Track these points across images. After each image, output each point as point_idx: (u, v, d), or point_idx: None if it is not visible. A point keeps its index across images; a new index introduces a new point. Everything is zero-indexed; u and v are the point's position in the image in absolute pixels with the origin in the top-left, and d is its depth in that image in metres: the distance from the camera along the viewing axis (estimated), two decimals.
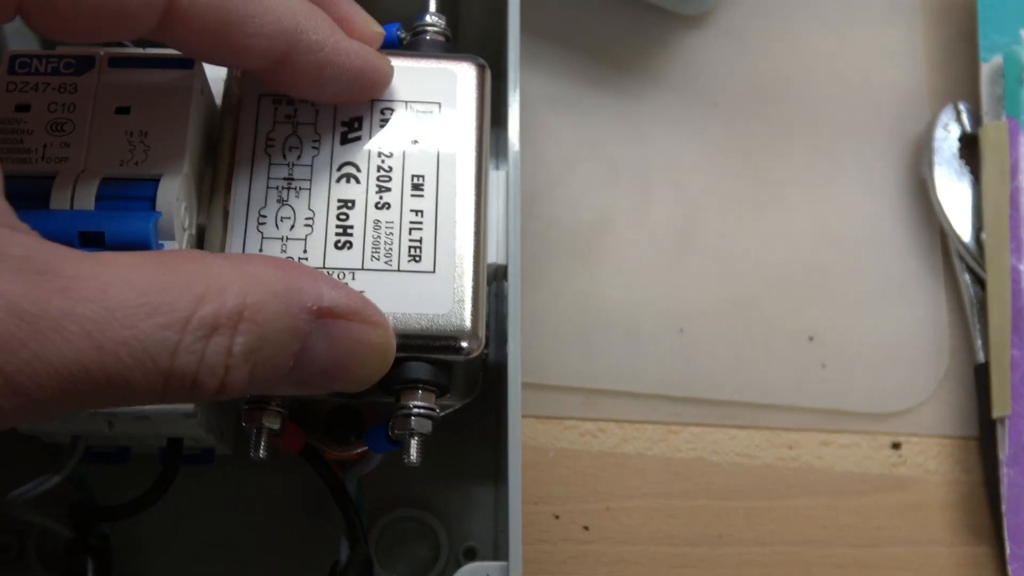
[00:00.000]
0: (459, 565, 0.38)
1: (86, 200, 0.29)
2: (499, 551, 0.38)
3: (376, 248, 0.31)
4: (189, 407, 0.31)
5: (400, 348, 0.30)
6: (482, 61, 0.34)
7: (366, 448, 0.33)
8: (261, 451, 0.30)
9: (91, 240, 0.28)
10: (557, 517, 0.40)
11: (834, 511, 0.41)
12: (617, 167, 0.45)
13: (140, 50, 0.32)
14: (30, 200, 0.29)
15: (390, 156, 0.32)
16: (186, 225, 0.30)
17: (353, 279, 0.30)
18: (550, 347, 0.42)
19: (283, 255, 0.30)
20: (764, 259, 0.44)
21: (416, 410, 0.30)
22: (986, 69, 0.45)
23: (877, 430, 0.42)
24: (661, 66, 0.46)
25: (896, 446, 0.42)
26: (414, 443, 0.30)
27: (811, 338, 0.43)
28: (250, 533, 0.38)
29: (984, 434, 0.41)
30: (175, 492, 0.35)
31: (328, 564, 0.35)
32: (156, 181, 0.29)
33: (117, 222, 0.28)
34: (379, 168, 0.31)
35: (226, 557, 0.38)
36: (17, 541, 0.37)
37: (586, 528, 0.40)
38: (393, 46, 0.35)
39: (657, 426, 0.42)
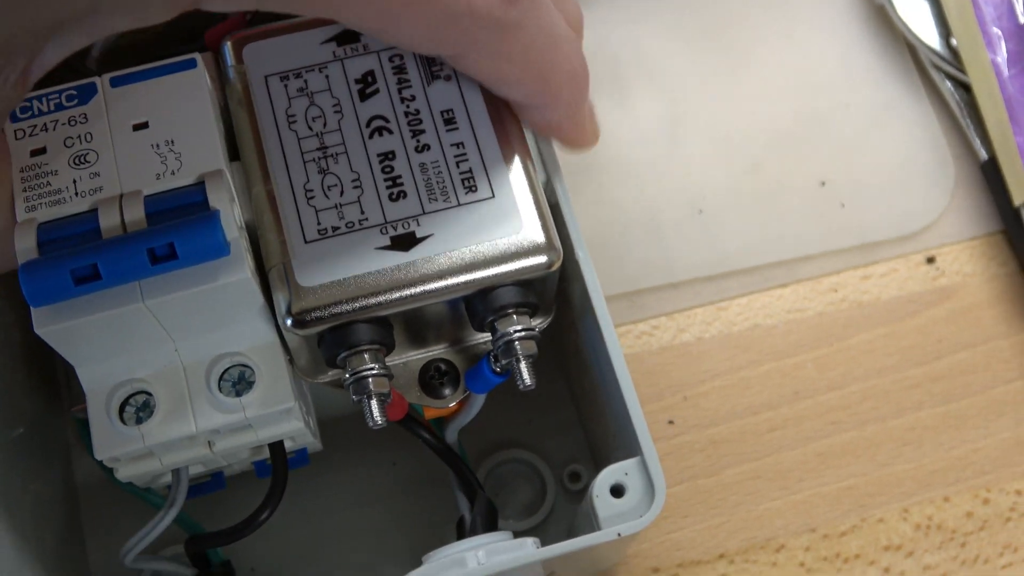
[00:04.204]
0: (568, 491, 0.38)
1: (137, 222, 0.28)
2: (601, 467, 0.38)
3: (431, 189, 0.30)
4: (290, 401, 0.30)
5: (487, 279, 0.30)
6: None
7: (465, 395, 0.33)
8: (377, 418, 0.29)
9: (162, 256, 0.27)
10: None
11: (893, 337, 0.42)
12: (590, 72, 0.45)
13: (136, 66, 0.31)
14: (81, 238, 0.28)
15: (413, 99, 0.31)
16: (239, 223, 0.29)
17: (419, 225, 0.30)
18: None
19: (341, 222, 0.30)
20: (755, 123, 0.44)
21: (518, 334, 0.30)
22: None
23: (909, 251, 0.43)
24: None
25: (931, 260, 0.43)
26: (524, 367, 0.30)
27: (823, 183, 0.44)
28: (362, 520, 0.37)
29: (1008, 224, 0.43)
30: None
31: (450, 527, 0.35)
32: (201, 184, 0.29)
33: (184, 230, 0.27)
34: (407, 113, 0.31)
35: (346, 546, 0.37)
36: None
37: (671, 422, 0.40)
38: None
39: (706, 308, 0.42)
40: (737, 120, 0.44)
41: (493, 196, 0.30)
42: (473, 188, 0.30)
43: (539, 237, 0.30)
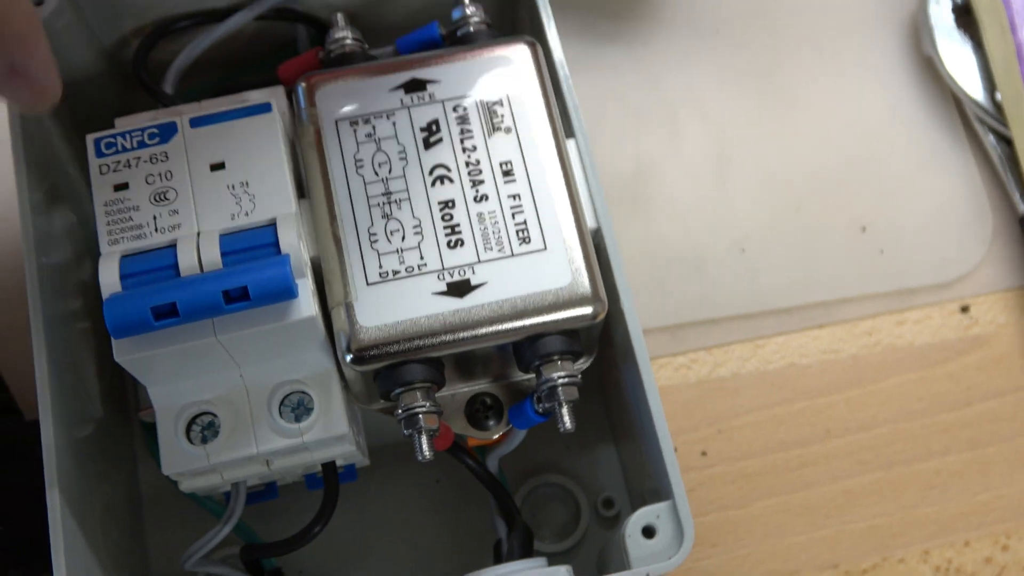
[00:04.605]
0: (600, 516, 0.40)
1: (213, 260, 0.30)
2: (634, 496, 0.40)
3: (487, 239, 0.32)
4: (344, 428, 0.32)
5: (535, 327, 0.31)
6: (530, 39, 0.35)
7: (508, 428, 0.35)
8: (426, 452, 0.31)
9: (235, 297, 0.29)
10: (675, 449, 0.42)
11: (924, 382, 0.43)
12: (642, 113, 0.46)
13: (206, 106, 0.33)
14: (158, 272, 0.30)
15: (474, 150, 0.33)
16: (306, 260, 0.31)
17: (474, 273, 0.32)
18: None
19: (402, 266, 0.32)
20: (800, 166, 0.46)
21: (562, 381, 0.32)
22: None
23: (944, 299, 0.44)
24: (658, 7, 0.48)
25: (965, 309, 0.44)
26: (566, 411, 0.32)
27: (864, 228, 0.45)
28: (403, 535, 0.39)
29: None
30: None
31: (487, 547, 0.37)
32: (272, 225, 0.31)
33: (257, 274, 0.29)
34: (467, 163, 0.33)
35: (387, 559, 0.39)
36: None
37: (704, 454, 0.42)
38: (437, 44, 0.36)
39: (744, 344, 0.43)
40: (783, 161, 0.46)
41: (545, 248, 0.32)
42: (527, 239, 0.32)
43: (586, 289, 0.32)
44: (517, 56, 0.34)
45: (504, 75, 0.34)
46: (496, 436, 0.35)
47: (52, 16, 0.36)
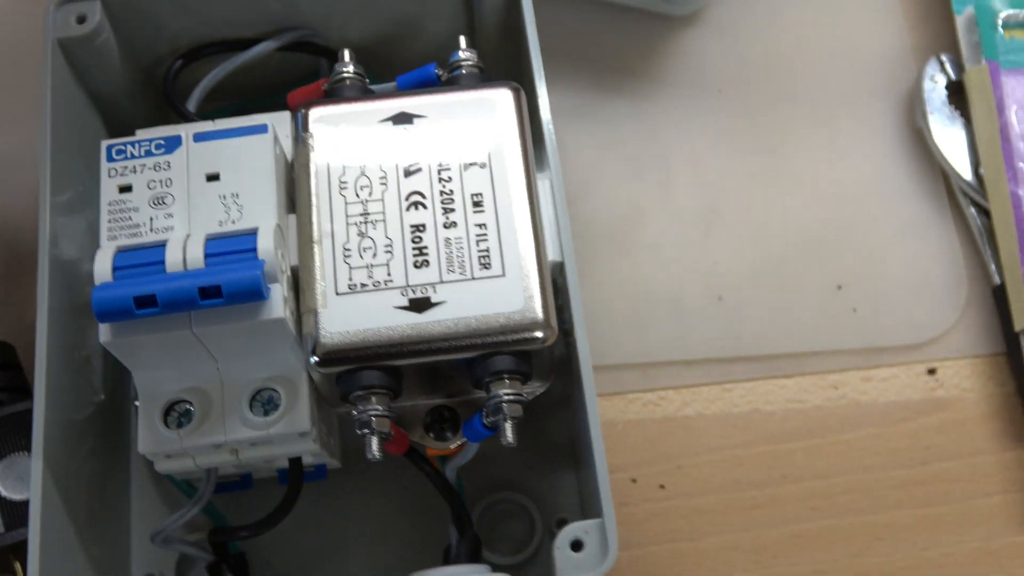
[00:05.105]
0: (553, 535, 0.42)
1: (196, 259, 0.33)
2: (588, 516, 0.42)
3: (450, 262, 0.35)
4: (306, 426, 0.35)
5: (486, 346, 0.34)
6: (516, 84, 0.38)
7: (463, 441, 0.37)
8: (376, 451, 0.34)
9: (209, 293, 0.32)
10: (634, 481, 0.44)
11: (883, 438, 0.45)
12: (639, 163, 0.49)
13: (217, 124, 0.36)
14: (147, 267, 0.33)
15: (449, 180, 0.36)
16: (283, 268, 0.34)
17: (435, 292, 0.34)
18: (604, 331, 0.46)
19: (370, 280, 0.34)
20: (785, 224, 0.48)
21: (507, 397, 0.34)
22: (961, 20, 0.49)
23: (912, 360, 0.46)
24: (665, 66, 0.50)
25: (932, 372, 0.46)
26: (508, 426, 0.34)
27: (839, 287, 0.47)
28: (365, 532, 0.42)
29: (1010, 347, 0.45)
30: (296, 507, 0.39)
31: (439, 552, 0.40)
32: (254, 233, 0.34)
33: (231, 274, 0.32)
34: (442, 193, 0.36)
35: (348, 557, 0.42)
36: (158, 574, 0.41)
37: (662, 487, 0.44)
38: (433, 84, 0.39)
39: (712, 387, 0.46)
40: (769, 219, 0.48)
41: (504, 275, 0.35)
42: (488, 265, 0.35)
43: (537, 315, 0.34)
44: (500, 99, 0.37)
45: (485, 115, 0.37)
46: (452, 447, 0.38)
47: (92, 33, 0.40)
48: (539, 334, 0.34)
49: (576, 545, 0.34)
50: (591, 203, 0.48)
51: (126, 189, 0.35)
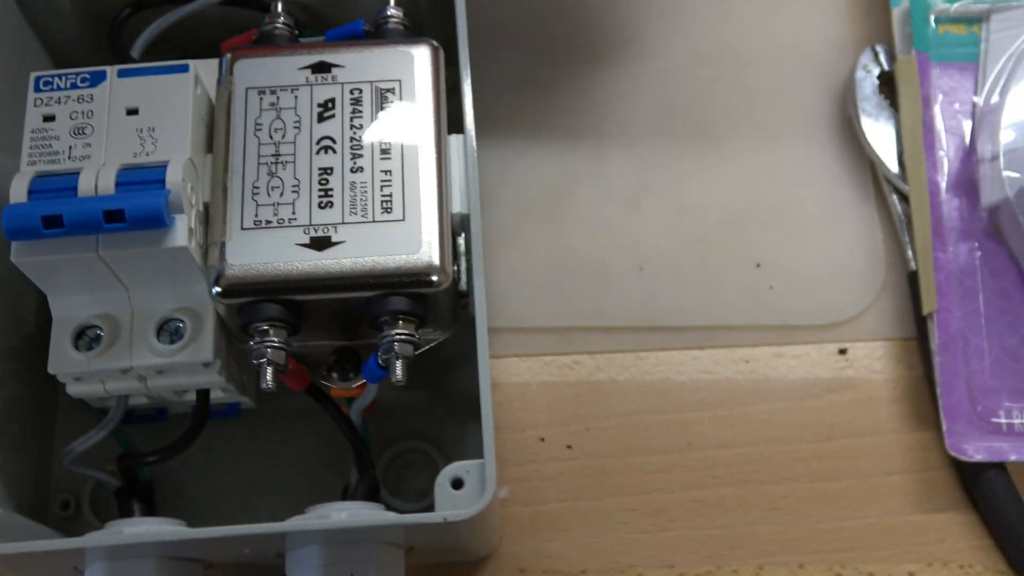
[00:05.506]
0: None
1: (108, 187, 0.35)
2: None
3: (353, 205, 0.36)
4: (208, 356, 0.37)
5: (381, 286, 0.36)
6: (435, 42, 0.39)
7: (364, 382, 0.39)
8: (269, 382, 0.36)
9: (114, 217, 0.34)
10: (543, 440, 0.45)
11: (790, 413, 0.46)
12: (574, 135, 0.50)
13: (143, 63, 0.38)
14: (61, 192, 0.35)
15: (360, 128, 0.37)
16: (193, 202, 0.36)
17: (336, 232, 0.36)
18: (527, 295, 0.47)
19: (275, 217, 0.36)
20: (712, 202, 0.49)
21: (399, 337, 0.36)
22: (897, 12, 0.50)
23: (824, 339, 0.47)
24: (607, 44, 0.52)
25: (843, 352, 0.47)
26: (399, 365, 0.36)
27: (758, 265, 0.48)
28: (275, 472, 0.44)
29: (920, 331, 0.47)
30: (209, 441, 0.41)
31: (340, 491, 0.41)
32: (164, 166, 0.35)
33: (134, 199, 0.34)
34: (352, 139, 0.37)
35: (254, 493, 0.43)
36: (74, 499, 0.43)
37: (569, 447, 0.45)
38: (360, 38, 0.41)
39: (626, 354, 0.47)
40: (696, 197, 0.49)
41: (404, 220, 0.36)
42: (389, 210, 0.36)
43: (434, 260, 0.36)
44: (418, 54, 0.39)
45: (402, 69, 0.38)
46: (354, 387, 0.39)
47: None
48: (434, 278, 0.36)
49: (457, 483, 0.36)
50: (523, 171, 0.49)
51: (49, 119, 0.37)
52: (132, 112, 0.37)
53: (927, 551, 0.44)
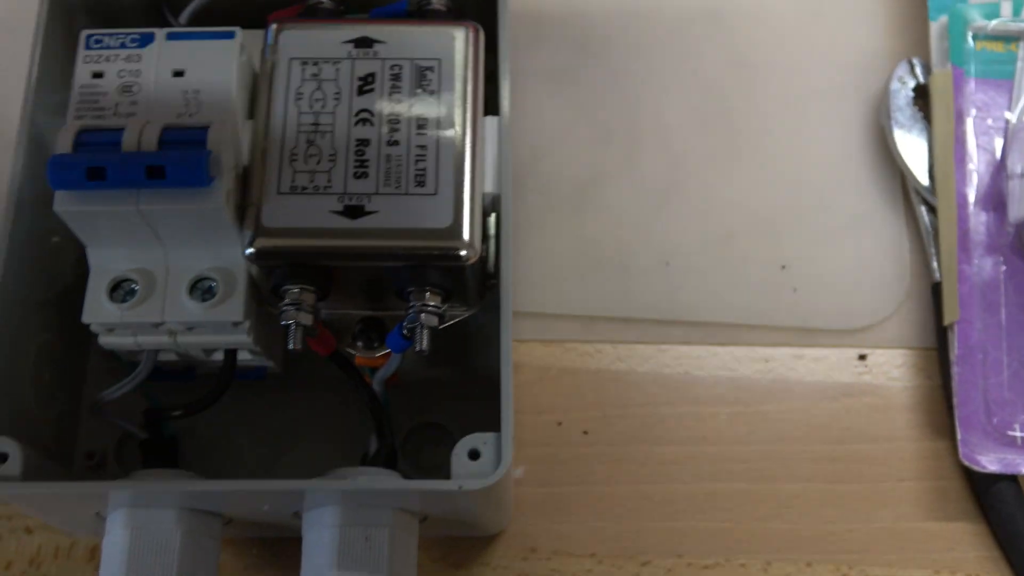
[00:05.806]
0: None
1: (151, 143, 0.36)
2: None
3: (388, 177, 0.37)
4: (239, 316, 0.37)
5: (410, 257, 0.36)
6: (477, 24, 0.40)
7: (388, 352, 0.40)
8: (297, 342, 0.36)
9: (155, 173, 0.35)
10: (560, 424, 0.46)
11: (806, 414, 0.46)
12: (610, 129, 0.51)
13: (192, 28, 0.39)
14: (106, 146, 0.36)
15: (399, 103, 0.38)
16: (232, 165, 0.37)
17: (369, 201, 0.37)
18: (552, 282, 0.48)
19: (311, 184, 0.37)
20: (741, 202, 0.50)
21: (425, 308, 0.37)
22: (935, 27, 0.51)
23: (844, 344, 0.48)
24: (648, 42, 0.53)
25: (862, 357, 0.48)
26: (425, 334, 0.37)
27: (783, 267, 0.49)
28: (296, 438, 0.44)
29: (940, 341, 0.47)
30: (235, 403, 0.42)
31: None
32: (207, 128, 0.36)
33: (176, 157, 0.35)
34: (389, 113, 0.38)
35: (275, 456, 0.44)
36: (100, 451, 0.44)
37: (585, 433, 0.46)
38: (403, 18, 0.42)
39: (647, 346, 0.47)
40: (726, 196, 0.50)
41: (436, 194, 0.37)
42: (422, 183, 0.37)
43: (462, 234, 0.37)
44: (459, 35, 0.40)
45: (442, 48, 0.39)
46: (377, 356, 0.40)
47: None
48: (463, 252, 0.37)
49: (473, 454, 0.37)
50: (556, 161, 0.50)
51: (98, 75, 0.38)
52: (178, 74, 0.38)
53: (935, 559, 0.44)
